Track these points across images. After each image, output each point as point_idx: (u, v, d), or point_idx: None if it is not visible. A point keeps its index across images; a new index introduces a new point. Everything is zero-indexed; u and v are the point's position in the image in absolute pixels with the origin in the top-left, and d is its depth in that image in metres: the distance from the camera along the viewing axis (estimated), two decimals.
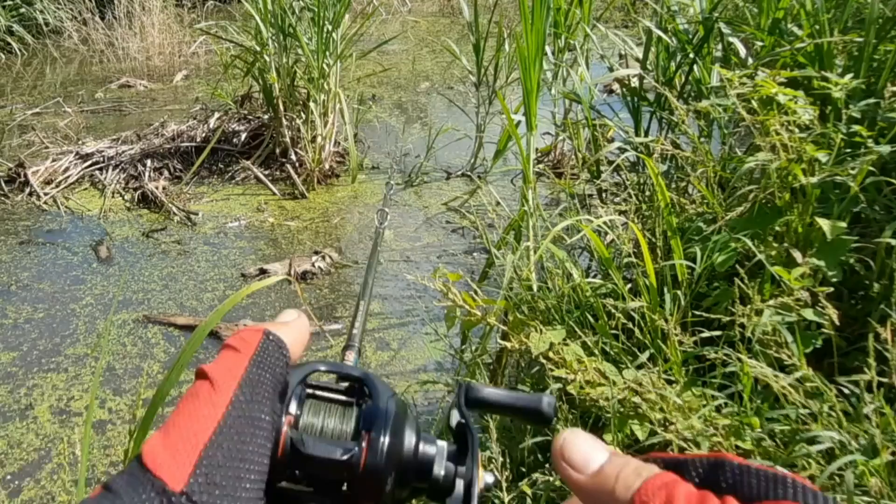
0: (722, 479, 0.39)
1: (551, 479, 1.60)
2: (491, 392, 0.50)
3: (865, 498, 1.38)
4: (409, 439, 0.46)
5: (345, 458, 0.43)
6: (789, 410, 1.50)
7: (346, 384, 0.49)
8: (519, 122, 3.00)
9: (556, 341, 1.77)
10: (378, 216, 0.74)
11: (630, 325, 1.80)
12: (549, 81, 4.08)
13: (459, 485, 0.47)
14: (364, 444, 0.44)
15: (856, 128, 1.92)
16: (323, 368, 0.49)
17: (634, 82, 3.28)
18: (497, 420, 1.75)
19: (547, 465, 1.73)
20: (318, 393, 0.48)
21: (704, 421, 1.54)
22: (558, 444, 0.42)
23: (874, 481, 1.36)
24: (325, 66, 4.55)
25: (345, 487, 0.44)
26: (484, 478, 0.48)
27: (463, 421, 0.49)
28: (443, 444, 0.48)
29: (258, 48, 4.68)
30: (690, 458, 0.41)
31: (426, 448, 0.47)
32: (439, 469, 0.47)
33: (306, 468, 0.43)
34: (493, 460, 1.61)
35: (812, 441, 1.46)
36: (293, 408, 0.45)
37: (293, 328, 0.48)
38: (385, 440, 0.44)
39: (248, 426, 0.40)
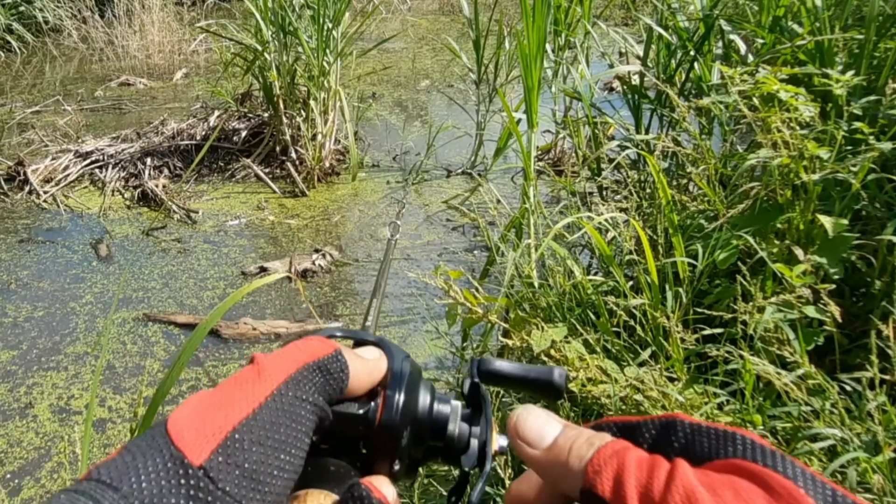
0: (674, 439, 0.39)
1: None
2: (503, 364, 0.51)
3: (868, 495, 1.38)
4: (424, 398, 0.47)
5: (361, 411, 0.44)
6: (791, 408, 1.50)
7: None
8: (520, 119, 2.99)
9: (558, 339, 1.77)
10: (390, 229, 0.75)
11: (632, 323, 1.79)
12: (550, 79, 4.07)
13: (474, 444, 0.48)
14: (380, 401, 0.45)
15: (857, 125, 1.92)
16: (339, 334, 0.50)
17: (635, 80, 3.27)
18: (499, 418, 1.74)
19: None
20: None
21: (706, 418, 1.54)
22: (512, 422, 0.42)
23: (877, 478, 1.35)
24: (325, 63, 4.54)
25: (362, 447, 0.45)
26: (498, 440, 0.49)
27: (476, 381, 0.50)
28: (457, 403, 0.49)
29: (258, 46, 4.67)
30: (643, 420, 0.41)
31: (441, 407, 0.48)
32: (454, 427, 0.48)
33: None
34: (496, 458, 1.60)
35: (814, 438, 1.46)
36: None
37: (366, 365, 0.47)
38: (400, 397, 0.45)
39: (287, 419, 0.40)
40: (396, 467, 0.47)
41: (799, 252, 1.74)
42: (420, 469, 0.51)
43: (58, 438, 2.62)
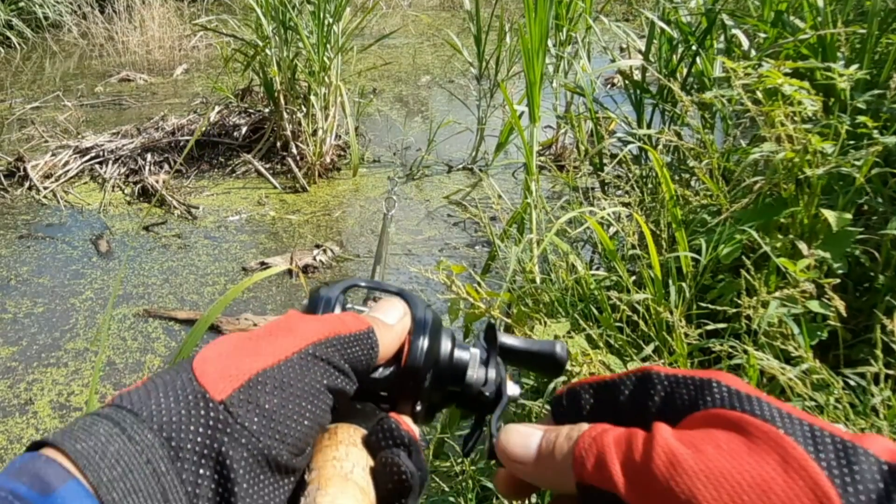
0: (653, 393, 0.40)
1: None
2: (508, 338, 0.53)
3: None
4: (446, 344, 0.49)
5: (382, 377, 0.46)
6: (795, 403, 1.49)
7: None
8: (522, 113, 2.98)
9: (561, 334, 1.76)
10: (386, 204, 0.77)
11: (635, 318, 1.79)
12: (551, 74, 4.06)
13: (490, 388, 0.50)
14: (405, 346, 0.47)
15: (861, 119, 1.91)
16: (363, 284, 0.53)
17: (637, 74, 3.26)
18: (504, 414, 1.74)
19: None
20: (358, 307, 0.51)
21: None
22: (500, 447, 0.42)
23: None
24: (325, 59, 4.53)
25: (384, 393, 0.47)
26: (511, 387, 0.51)
27: (493, 323, 0.54)
28: (476, 351, 0.51)
29: (259, 42, 4.66)
30: (617, 377, 0.42)
31: (461, 353, 0.50)
32: (472, 373, 0.49)
33: None
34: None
35: None
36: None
37: (396, 334, 0.48)
38: (424, 342, 0.47)
39: (310, 375, 0.41)
40: (418, 408, 0.48)
41: (803, 247, 1.73)
42: (437, 415, 0.52)
43: None
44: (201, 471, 0.35)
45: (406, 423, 0.44)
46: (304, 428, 0.40)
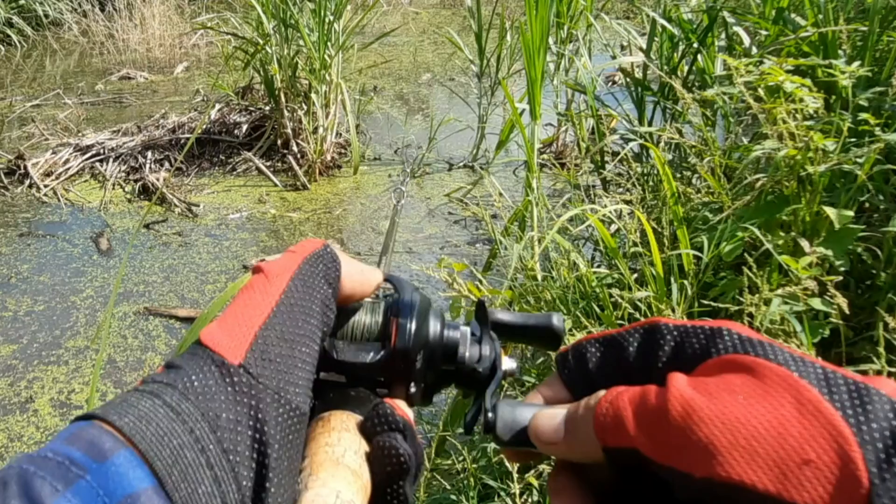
0: (663, 342, 0.40)
1: None
2: (503, 314, 0.53)
3: None
4: (435, 324, 0.49)
5: (370, 360, 0.47)
6: None
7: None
8: (523, 110, 2.98)
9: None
10: (395, 195, 0.77)
11: (637, 315, 1.78)
12: (552, 72, 4.06)
13: (486, 364, 0.51)
14: (393, 329, 0.47)
15: (863, 116, 1.91)
16: None
17: (638, 72, 3.26)
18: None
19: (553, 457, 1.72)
20: None
21: None
22: (532, 434, 0.42)
23: None
24: (326, 57, 4.53)
25: (378, 376, 0.48)
26: (507, 362, 0.51)
27: (483, 300, 0.53)
28: (466, 329, 0.51)
29: (260, 39, 4.66)
30: (625, 330, 0.43)
31: (451, 333, 0.50)
32: (464, 350, 0.50)
33: (340, 369, 0.47)
34: (501, 451, 1.59)
35: None
36: None
37: (353, 262, 0.49)
38: (412, 325, 0.47)
39: (301, 313, 0.42)
40: (412, 390, 0.48)
41: (805, 244, 1.73)
42: (433, 397, 0.52)
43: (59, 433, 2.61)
44: (238, 437, 0.36)
45: (401, 408, 0.44)
46: (306, 373, 0.41)
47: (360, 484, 0.40)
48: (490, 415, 0.44)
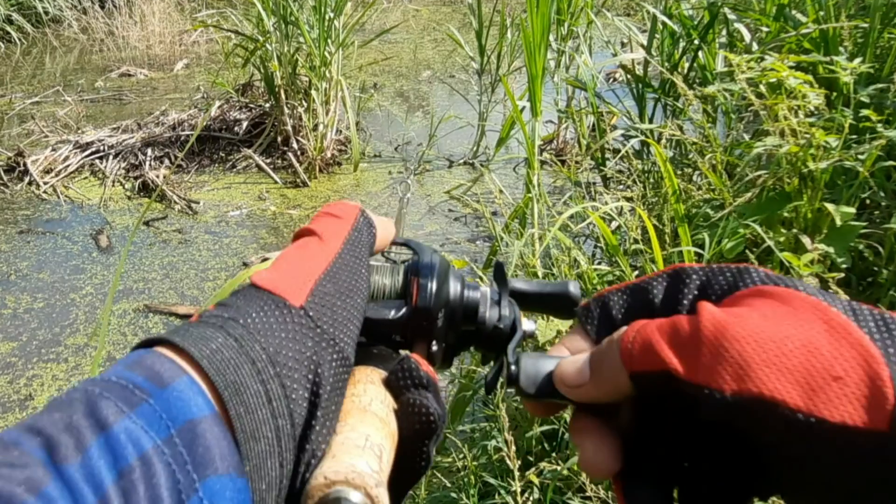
0: (689, 282, 0.41)
1: (559, 468, 1.59)
2: (518, 282, 0.53)
3: None
4: (455, 285, 0.50)
5: (393, 317, 0.47)
6: None
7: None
8: (523, 107, 2.97)
9: (563, 329, 1.75)
10: (401, 188, 0.77)
11: None
12: (552, 69, 4.05)
13: (506, 325, 0.51)
14: (414, 289, 0.48)
15: (865, 112, 1.90)
16: None
17: (639, 69, 3.25)
18: (506, 404, 1.73)
19: (554, 455, 1.72)
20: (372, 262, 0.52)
21: None
22: (557, 382, 0.43)
23: None
24: (326, 54, 4.52)
25: (397, 337, 0.48)
26: (525, 324, 0.51)
27: (501, 263, 0.54)
28: (486, 289, 0.51)
29: (260, 36, 4.65)
30: (648, 277, 0.43)
31: (471, 293, 0.50)
32: (484, 310, 0.50)
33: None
34: (504, 449, 1.59)
35: None
36: None
37: (383, 220, 0.51)
38: (433, 284, 0.48)
39: (352, 273, 0.43)
40: (434, 349, 0.49)
41: (806, 241, 1.73)
42: (454, 359, 0.53)
43: None
44: (296, 375, 0.37)
45: (425, 364, 0.44)
46: (357, 324, 0.42)
47: (388, 431, 0.40)
48: (513, 367, 0.45)
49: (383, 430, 0.40)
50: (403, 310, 0.47)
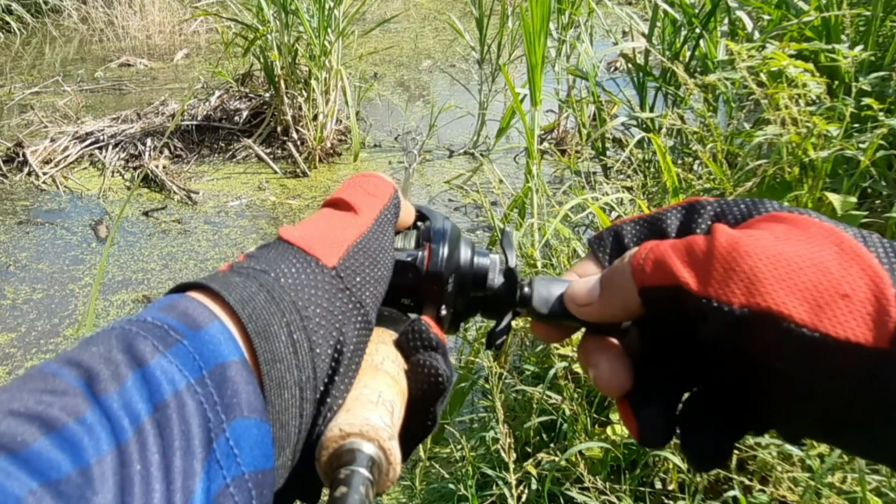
0: (703, 212, 0.42)
1: (556, 459, 1.58)
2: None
3: (876, 477, 1.36)
4: (465, 251, 0.51)
5: (409, 259, 0.48)
6: None
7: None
8: (523, 97, 2.96)
9: None
10: (407, 158, 0.77)
11: None
12: (553, 58, 4.04)
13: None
14: (426, 252, 0.48)
15: (866, 100, 1.89)
16: None
17: (640, 57, 3.24)
18: (503, 397, 1.72)
19: (552, 445, 1.71)
20: None
21: None
22: (567, 299, 0.45)
23: None
24: (326, 43, 4.50)
25: (408, 301, 0.49)
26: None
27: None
28: (496, 256, 0.52)
29: (259, 26, 4.63)
30: (663, 210, 0.44)
31: (481, 260, 0.51)
32: (493, 277, 0.51)
33: None
34: (500, 441, 1.58)
35: None
36: None
37: (405, 205, 0.51)
38: (444, 249, 0.49)
39: (381, 249, 0.44)
40: (443, 313, 0.49)
41: None
42: (461, 325, 0.54)
43: None
44: (322, 331, 0.38)
45: (435, 327, 0.45)
46: (382, 292, 0.43)
47: (399, 389, 0.41)
48: (526, 289, 0.47)
49: (395, 388, 0.41)
50: (419, 255, 0.48)
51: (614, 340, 0.44)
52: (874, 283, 0.33)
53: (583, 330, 0.47)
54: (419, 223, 0.52)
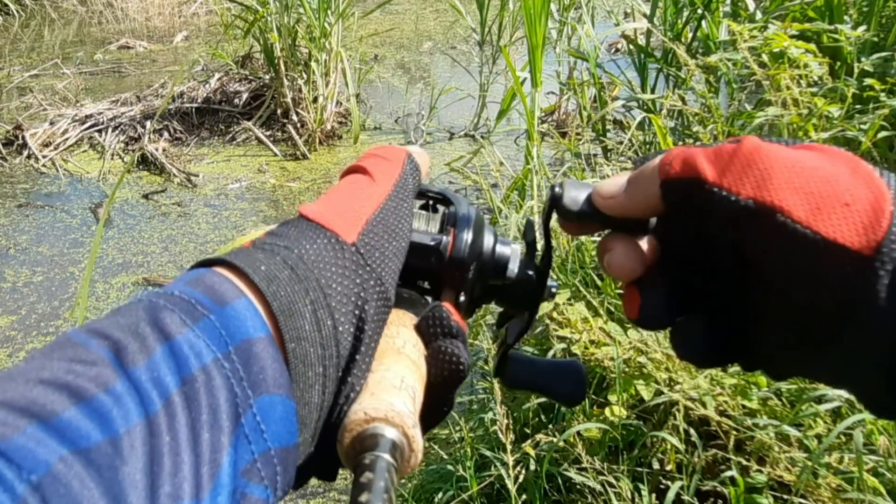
0: None
1: (554, 440, 1.58)
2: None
3: (873, 457, 1.36)
4: (488, 238, 0.51)
5: (433, 243, 0.48)
6: (802, 382, 1.48)
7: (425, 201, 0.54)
8: (524, 79, 2.95)
9: (561, 301, 1.74)
10: (414, 134, 0.77)
11: None
12: (554, 39, 4.02)
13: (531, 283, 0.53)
14: (450, 238, 0.48)
15: (868, 81, 1.88)
16: None
17: (641, 38, 3.22)
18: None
19: (550, 427, 1.72)
20: None
21: (710, 380, 1.52)
22: (595, 193, 0.46)
23: (882, 440, 1.35)
24: (326, 25, 4.48)
25: (426, 284, 0.49)
26: (551, 282, 0.53)
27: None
28: (517, 247, 0.52)
29: (259, 7, 4.60)
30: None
31: (502, 248, 0.51)
32: (513, 267, 0.51)
33: None
34: (498, 422, 1.59)
35: (819, 400, 1.44)
36: None
37: (422, 157, 0.51)
38: (468, 236, 0.49)
39: (400, 219, 0.44)
40: (462, 299, 0.49)
41: None
42: (474, 312, 0.54)
43: None
44: (344, 308, 0.38)
45: (455, 313, 0.45)
46: (400, 265, 0.43)
47: (419, 374, 0.42)
48: (557, 189, 0.47)
49: (416, 373, 0.41)
50: (443, 240, 0.48)
51: (628, 238, 0.46)
52: (875, 199, 0.35)
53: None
54: (442, 207, 0.52)
